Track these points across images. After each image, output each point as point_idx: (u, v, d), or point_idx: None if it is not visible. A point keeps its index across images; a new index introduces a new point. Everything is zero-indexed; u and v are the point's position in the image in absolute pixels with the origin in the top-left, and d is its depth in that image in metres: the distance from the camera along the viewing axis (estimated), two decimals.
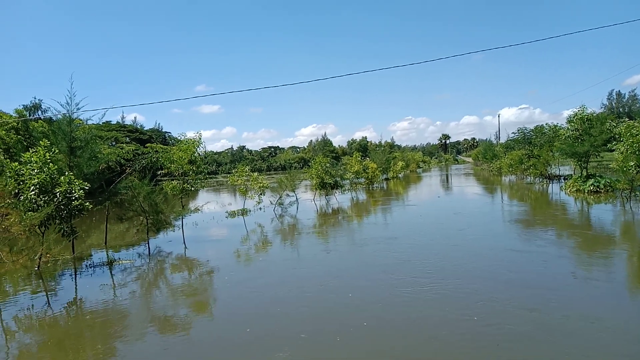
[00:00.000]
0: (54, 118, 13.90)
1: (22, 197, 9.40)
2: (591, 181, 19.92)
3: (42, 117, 32.16)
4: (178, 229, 14.45)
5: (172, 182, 14.29)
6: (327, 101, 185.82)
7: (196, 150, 14.45)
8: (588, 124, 21.20)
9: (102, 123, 22.18)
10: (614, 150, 18.57)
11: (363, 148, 79.80)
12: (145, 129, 68.91)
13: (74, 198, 9.80)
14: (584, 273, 8.05)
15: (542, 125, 31.37)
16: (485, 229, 13.12)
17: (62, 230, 10.19)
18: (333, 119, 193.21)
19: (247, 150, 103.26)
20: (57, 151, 10.58)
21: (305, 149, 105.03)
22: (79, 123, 12.40)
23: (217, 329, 6.31)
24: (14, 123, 25.76)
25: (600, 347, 4.95)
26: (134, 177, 13.03)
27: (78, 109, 11.93)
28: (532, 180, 29.33)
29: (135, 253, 11.83)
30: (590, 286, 7.18)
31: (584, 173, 21.25)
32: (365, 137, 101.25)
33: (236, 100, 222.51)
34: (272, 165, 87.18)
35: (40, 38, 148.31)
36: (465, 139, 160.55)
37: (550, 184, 26.04)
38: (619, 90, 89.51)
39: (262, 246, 12.22)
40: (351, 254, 10.83)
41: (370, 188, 30.89)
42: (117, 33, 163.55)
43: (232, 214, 19.09)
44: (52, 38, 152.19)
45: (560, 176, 28.16)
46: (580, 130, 21.48)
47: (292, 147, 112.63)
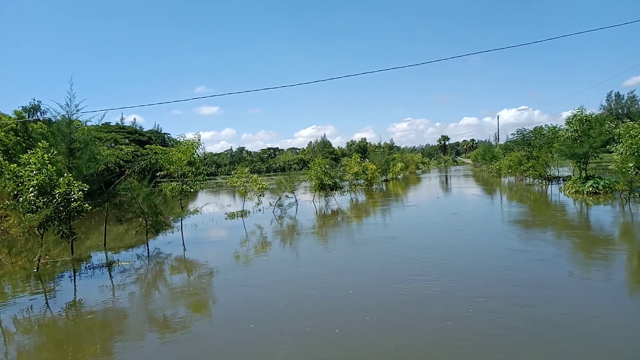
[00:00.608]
0: (53, 119, 13.90)
1: (21, 199, 9.39)
2: (590, 182, 19.96)
3: (41, 119, 32.15)
4: (177, 230, 14.44)
5: (172, 183, 14.27)
6: (327, 102, 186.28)
7: (195, 151, 14.43)
8: (587, 125, 21.28)
9: (102, 124, 22.22)
10: (613, 151, 18.59)
11: (362, 149, 79.92)
12: (144, 130, 68.78)
13: (73, 199, 9.79)
14: (581, 272, 8.09)
15: (541, 126, 31.59)
16: (483, 229, 13.15)
17: (61, 232, 10.18)
18: (332, 120, 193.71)
19: (247, 151, 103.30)
20: (55, 152, 10.57)
21: (304, 150, 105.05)
22: (78, 124, 12.39)
23: (221, 325, 6.41)
24: (13, 124, 25.72)
25: (593, 341, 5.06)
26: (133, 178, 13.03)
27: (77, 110, 11.94)
28: (531, 181, 29.37)
29: (135, 254, 11.82)
30: (587, 285, 7.22)
31: (583, 174, 21.29)
32: (365, 139, 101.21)
33: (236, 102, 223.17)
34: (272, 167, 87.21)
35: (39, 38, 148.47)
36: (464, 140, 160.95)
37: (550, 185, 26.08)
38: (617, 92, 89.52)
39: (262, 247, 12.21)
40: (351, 253, 10.92)
41: (370, 189, 30.91)
42: (117, 34, 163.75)
43: (232, 216, 19.08)
44: (51, 38, 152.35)
45: (559, 177, 28.20)
46: (579, 132, 21.56)
47: (292, 148, 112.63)
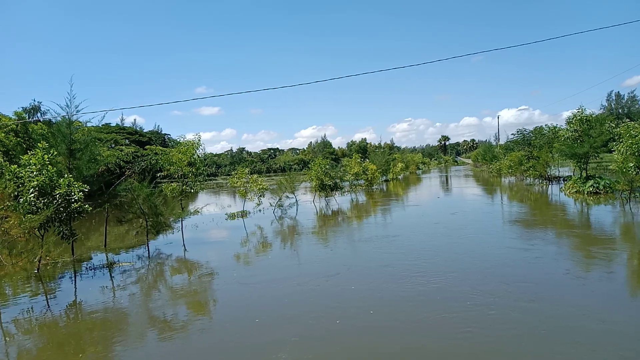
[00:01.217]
0: (53, 120, 13.89)
1: (21, 200, 9.39)
2: (590, 182, 19.94)
3: (41, 120, 32.14)
4: (178, 231, 14.44)
5: (172, 184, 14.28)
6: (327, 102, 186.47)
7: (196, 152, 14.45)
8: (587, 125, 21.24)
9: (102, 125, 22.20)
10: (614, 151, 18.58)
11: (363, 149, 79.99)
12: (144, 131, 68.80)
13: (73, 200, 9.79)
14: (580, 271, 8.12)
15: (541, 126, 31.55)
16: (483, 228, 13.17)
17: (62, 233, 10.18)
18: (333, 120, 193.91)
19: (247, 152, 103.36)
20: (56, 153, 10.57)
21: (304, 150, 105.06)
22: (79, 125, 12.40)
23: (227, 321, 6.60)
24: (14, 125, 25.72)
25: (588, 334, 5.21)
26: (134, 179, 13.03)
27: (77, 111, 11.94)
28: (532, 181, 29.35)
29: (135, 255, 11.82)
30: (585, 283, 7.30)
31: (584, 174, 21.28)
32: (365, 139, 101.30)
33: (236, 102, 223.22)
34: (272, 167, 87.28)
35: (39, 39, 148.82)
36: (464, 141, 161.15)
37: (550, 185, 26.05)
38: (618, 92, 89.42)
39: (263, 246, 12.22)
40: (353, 251, 11.07)
41: (370, 190, 30.90)
42: (117, 34, 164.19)
43: (232, 216, 19.07)
44: (51, 39, 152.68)
45: (560, 177, 28.17)
46: (579, 132, 21.52)
47: (292, 148, 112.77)
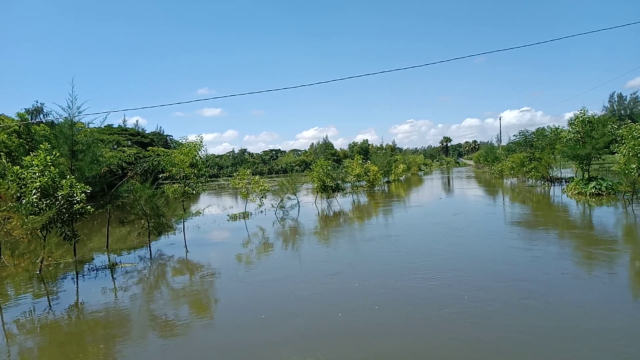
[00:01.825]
0: (55, 122, 13.95)
1: (24, 201, 9.42)
2: (593, 184, 19.87)
3: (44, 121, 32.25)
4: (179, 232, 14.45)
5: (174, 185, 14.30)
6: (329, 104, 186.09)
7: (198, 153, 14.47)
8: (589, 126, 21.16)
9: (104, 126, 22.28)
10: (616, 152, 18.52)
11: (364, 151, 79.99)
12: (147, 132, 68.74)
13: (75, 201, 9.82)
14: (581, 270, 8.21)
15: (543, 127, 31.37)
16: (485, 229, 13.19)
17: (64, 234, 10.21)
18: (335, 121, 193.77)
19: (249, 153, 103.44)
20: (58, 154, 10.61)
21: (306, 151, 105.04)
22: (81, 126, 12.45)
23: (235, 315, 6.84)
24: (16, 127, 25.84)
25: (584, 332, 5.25)
26: (136, 180, 13.08)
27: (80, 112, 12.00)
28: (534, 182, 29.26)
29: (137, 256, 11.84)
30: (586, 282, 7.39)
31: (586, 176, 21.21)
32: (367, 140, 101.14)
33: (238, 103, 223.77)
34: (274, 169, 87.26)
35: (41, 40, 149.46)
36: (466, 142, 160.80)
37: (552, 187, 25.97)
38: (620, 93, 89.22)
39: (265, 247, 12.23)
40: (355, 251, 11.26)
41: (372, 191, 30.87)
42: (119, 36, 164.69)
43: (234, 217, 19.08)
44: (53, 40, 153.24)
45: (562, 179, 28.09)
46: (581, 133, 21.44)
47: (294, 150, 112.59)
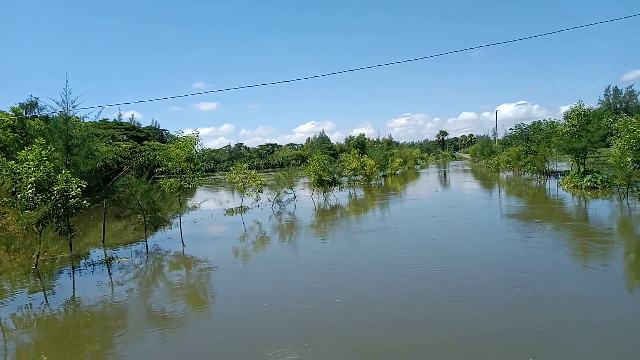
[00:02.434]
0: (50, 116, 13.83)
1: (19, 196, 9.36)
2: (588, 177, 19.99)
3: (38, 116, 31.99)
4: (176, 226, 14.42)
5: (170, 179, 14.23)
6: (325, 98, 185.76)
7: (194, 147, 14.39)
8: (585, 119, 21.23)
9: (99, 121, 22.11)
10: (611, 145, 18.61)
11: (361, 145, 79.80)
12: (142, 126, 68.37)
13: (71, 196, 9.77)
14: (574, 261, 8.34)
15: (539, 121, 31.45)
16: (481, 221, 13.27)
17: (60, 229, 10.16)
18: (331, 115, 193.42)
19: (245, 147, 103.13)
20: (53, 149, 10.52)
21: (303, 146, 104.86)
22: (76, 121, 12.34)
23: (236, 305, 6.93)
24: (10, 121, 25.58)
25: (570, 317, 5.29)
26: (132, 175, 12.99)
27: (74, 106, 11.88)
28: (530, 176, 29.41)
29: (133, 251, 11.83)
30: (580, 272, 7.50)
31: (581, 169, 21.32)
32: (363, 134, 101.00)
33: (234, 98, 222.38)
34: (270, 163, 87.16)
35: (36, 34, 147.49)
36: (463, 136, 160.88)
37: (548, 180, 26.11)
38: (616, 86, 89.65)
39: (262, 240, 12.26)
40: (352, 243, 11.44)
41: (369, 185, 30.92)
42: (115, 30, 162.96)
43: (230, 212, 19.08)
44: (48, 35, 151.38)
45: (558, 172, 28.23)
46: (577, 126, 21.52)
47: (290, 144, 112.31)
